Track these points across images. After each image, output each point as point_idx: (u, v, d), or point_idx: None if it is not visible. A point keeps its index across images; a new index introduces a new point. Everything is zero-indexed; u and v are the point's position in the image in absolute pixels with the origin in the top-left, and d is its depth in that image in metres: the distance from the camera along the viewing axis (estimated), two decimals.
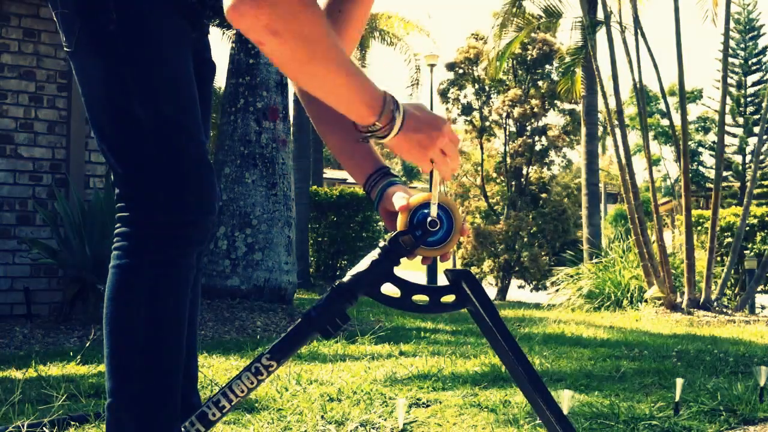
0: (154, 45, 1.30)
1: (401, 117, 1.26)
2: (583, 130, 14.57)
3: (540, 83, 23.12)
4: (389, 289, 1.36)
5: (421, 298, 1.38)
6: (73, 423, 2.12)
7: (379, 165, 1.48)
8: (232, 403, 1.30)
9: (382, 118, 1.25)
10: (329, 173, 37.26)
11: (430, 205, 1.35)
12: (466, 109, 23.87)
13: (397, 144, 1.28)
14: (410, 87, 19.07)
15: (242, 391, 1.30)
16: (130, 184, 1.31)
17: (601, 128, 17.34)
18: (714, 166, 29.12)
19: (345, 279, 1.34)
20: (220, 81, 14.85)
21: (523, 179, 23.00)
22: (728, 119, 32.99)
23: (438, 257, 1.39)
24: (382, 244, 1.35)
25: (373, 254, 1.34)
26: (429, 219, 1.34)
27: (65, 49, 1.34)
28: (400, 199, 1.38)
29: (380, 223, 15.27)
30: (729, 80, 32.66)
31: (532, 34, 20.42)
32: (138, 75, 1.29)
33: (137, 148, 1.31)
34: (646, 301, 7.68)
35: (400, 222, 1.35)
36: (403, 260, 1.36)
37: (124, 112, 1.29)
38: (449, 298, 1.39)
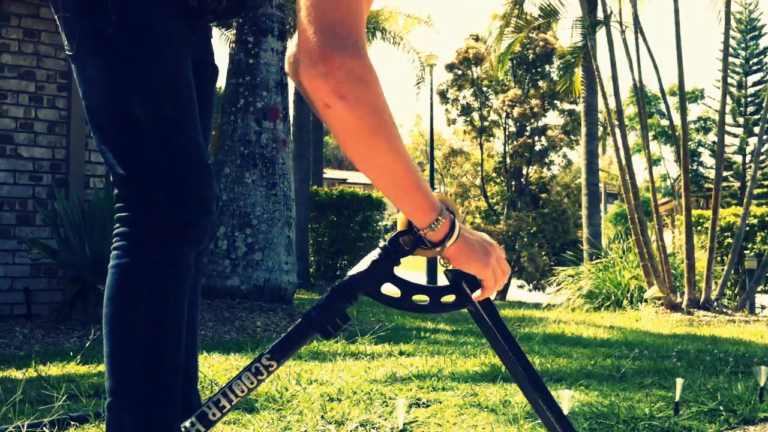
0: (153, 46, 1.30)
1: (458, 226, 1.23)
2: (583, 130, 14.57)
3: (540, 83, 23.13)
4: (389, 289, 1.36)
5: (421, 298, 1.38)
6: (73, 423, 2.12)
7: None
8: (233, 403, 1.30)
9: (443, 219, 1.21)
10: (329, 173, 37.27)
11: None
12: (466, 110, 23.88)
13: (460, 250, 1.24)
14: (416, 85, 18.99)
15: (242, 391, 1.30)
16: (130, 185, 1.31)
17: (601, 128, 17.33)
18: (714, 166, 29.13)
19: (345, 279, 1.34)
20: (220, 81, 14.83)
21: (523, 179, 23.01)
22: (728, 119, 33.00)
23: (442, 257, 1.39)
24: (382, 244, 1.35)
25: (374, 254, 1.34)
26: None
27: (67, 52, 1.35)
28: None
29: (380, 223, 15.28)
30: (730, 80, 32.67)
31: (532, 35, 20.42)
32: (137, 76, 1.30)
33: (136, 149, 1.31)
34: (646, 301, 7.68)
35: (401, 222, 1.36)
36: (403, 260, 1.36)
37: (123, 113, 1.30)
38: (449, 298, 1.39)
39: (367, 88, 1.11)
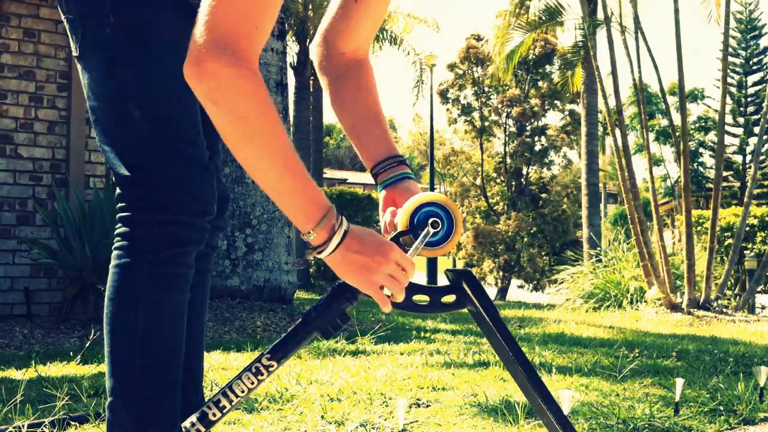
0: (150, 47, 1.31)
1: (341, 235, 1.20)
2: (583, 130, 14.58)
3: (540, 83, 23.13)
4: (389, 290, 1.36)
5: (421, 298, 1.38)
6: (73, 423, 2.12)
7: (394, 152, 1.47)
8: (233, 403, 1.30)
9: (319, 229, 1.19)
10: (329, 173, 37.26)
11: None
12: (466, 110, 23.88)
13: (336, 264, 1.22)
14: (415, 87, 18.95)
15: (242, 391, 1.30)
16: (129, 185, 1.32)
17: (601, 128, 17.35)
18: (714, 166, 29.14)
19: None
20: None
21: (523, 179, 23.02)
22: (728, 119, 33.00)
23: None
24: None
25: None
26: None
27: (73, 53, 1.37)
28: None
29: (381, 223, 15.27)
30: (730, 80, 32.65)
31: (533, 35, 20.42)
32: (134, 77, 1.31)
33: (135, 149, 1.32)
34: (646, 301, 7.68)
35: (401, 222, 1.36)
36: None
37: (121, 114, 1.31)
38: (450, 298, 1.39)
39: (239, 98, 1.12)
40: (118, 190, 1.34)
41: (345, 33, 1.50)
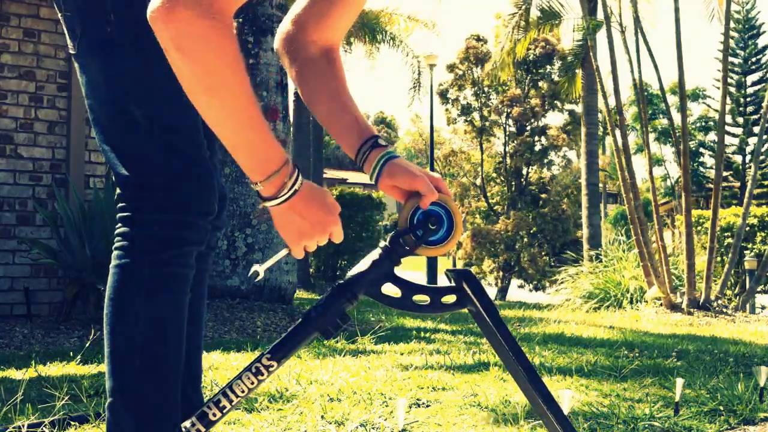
0: (151, 47, 1.30)
1: (288, 193, 1.21)
2: (583, 130, 14.58)
3: (540, 83, 23.14)
4: (390, 289, 1.36)
5: (421, 298, 1.38)
6: (73, 423, 2.12)
7: (367, 135, 1.39)
8: (233, 403, 1.30)
9: (267, 183, 1.20)
10: (329, 173, 37.25)
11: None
12: (466, 110, 23.89)
13: (277, 216, 1.25)
14: (412, 88, 18.86)
15: (242, 391, 1.30)
16: (130, 185, 1.32)
17: (601, 128, 17.34)
18: (714, 166, 29.15)
19: (345, 279, 1.34)
20: None
21: (523, 179, 23.03)
22: (728, 119, 33.00)
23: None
24: (382, 244, 1.35)
25: (374, 254, 1.34)
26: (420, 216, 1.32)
27: (70, 51, 1.36)
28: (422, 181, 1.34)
29: (380, 223, 15.27)
30: (729, 80, 32.63)
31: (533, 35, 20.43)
32: (135, 77, 1.30)
33: (136, 149, 1.32)
34: (646, 301, 7.68)
35: (400, 221, 1.36)
36: (404, 260, 1.36)
37: (122, 114, 1.31)
38: (450, 298, 1.39)
39: (207, 49, 1.10)
40: (118, 190, 1.34)
41: (322, 22, 1.45)
